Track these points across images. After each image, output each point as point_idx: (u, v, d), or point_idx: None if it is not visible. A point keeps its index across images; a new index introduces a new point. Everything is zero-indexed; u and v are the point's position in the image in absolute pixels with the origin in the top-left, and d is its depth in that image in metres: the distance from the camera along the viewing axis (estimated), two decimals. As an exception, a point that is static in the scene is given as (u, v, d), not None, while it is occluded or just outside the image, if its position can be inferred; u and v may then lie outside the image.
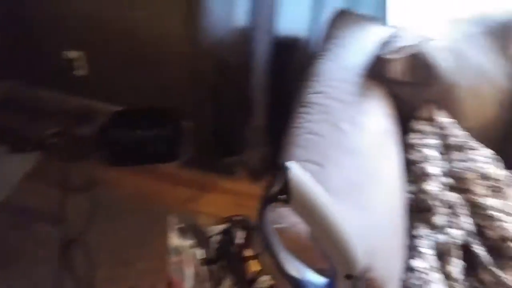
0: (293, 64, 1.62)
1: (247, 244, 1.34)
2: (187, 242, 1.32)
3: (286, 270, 0.59)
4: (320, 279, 0.58)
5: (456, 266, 1.02)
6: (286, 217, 0.73)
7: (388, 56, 1.26)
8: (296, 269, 0.59)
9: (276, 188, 0.52)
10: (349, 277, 0.54)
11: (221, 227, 1.37)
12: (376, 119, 1.20)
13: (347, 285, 0.55)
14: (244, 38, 1.63)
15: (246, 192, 1.73)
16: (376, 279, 0.84)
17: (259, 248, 1.34)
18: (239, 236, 1.34)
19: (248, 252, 1.31)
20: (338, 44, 1.38)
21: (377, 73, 1.28)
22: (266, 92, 1.64)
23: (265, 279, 1.25)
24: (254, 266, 1.28)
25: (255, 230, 1.38)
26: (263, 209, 0.55)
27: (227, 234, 1.34)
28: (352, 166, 1.02)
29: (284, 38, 1.62)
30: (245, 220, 1.40)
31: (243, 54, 1.64)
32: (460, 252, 1.04)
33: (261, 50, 1.61)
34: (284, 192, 0.51)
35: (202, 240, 1.32)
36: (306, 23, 1.59)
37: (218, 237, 1.34)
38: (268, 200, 0.54)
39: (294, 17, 1.60)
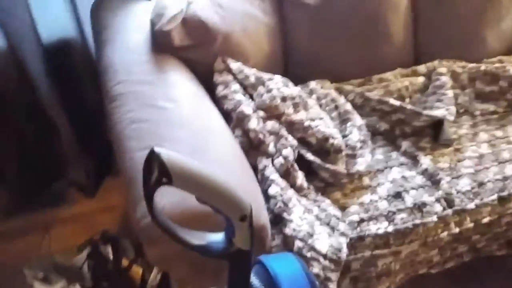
0: (76, 65, 1.55)
1: (118, 255, 1.31)
2: (58, 285, 1.23)
3: (190, 243, 0.62)
4: (220, 235, 0.64)
5: (300, 177, 1.20)
6: (165, 199, 0.76)
7: (164, 28, 1.31)
8: (197, 237, 0.63)
9: (155, 175, 0.54)
10: (243, 218, 0.60)
11: (85, 252, 1.30)
12: (183, 87, 1.26)
13: (243, 226, 0.60)
14: (6, 60, 1.46)
15: (88, 209, 1.64)
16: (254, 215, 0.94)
17: (131, 254, 1.32)
18: (108, 252, 1.30)
19: (124, 262, 1.28)
20: (114, 31, 1.38)
21: (162, 46, 1.33)
22: (62, 104, 1.54)
23: (153, 276, 1.25)
24: (137, 271, 1.27)
25: (119, 239, 1.35)
26: (150, 199, 0.57)
27: (95, 256, 1.29)
28: (186, 136, 1.08)
29: (54, 44, 1.52)
30: (105, 235, 1.36)
31: (12, 75, 1.48)
32: (296, 166, 1.21)
33: (34, 65, 1.48)
34: (163, 175, 0.54)
35: (72, 275, 1.24)
36: (68, 21, 1.52)
37: (87, 263, 1.27)
38: (152, 188, 0.56)
39: (55, 21, 1.50)
